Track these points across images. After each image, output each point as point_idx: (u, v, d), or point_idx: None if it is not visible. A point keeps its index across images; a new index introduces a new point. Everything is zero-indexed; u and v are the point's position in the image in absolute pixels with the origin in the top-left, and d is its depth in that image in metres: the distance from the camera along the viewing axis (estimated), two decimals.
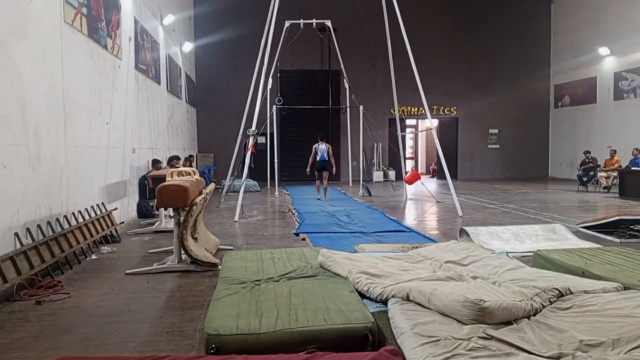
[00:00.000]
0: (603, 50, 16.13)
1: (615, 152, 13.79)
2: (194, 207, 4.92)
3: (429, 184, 14.57)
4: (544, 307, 2.97)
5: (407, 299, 3.11)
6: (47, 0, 5.36)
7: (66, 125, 5.72)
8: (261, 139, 15.83)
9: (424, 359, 2.32)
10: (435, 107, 18.03)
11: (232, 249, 5.86)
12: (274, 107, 13.46)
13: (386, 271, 3.80)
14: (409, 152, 21.30)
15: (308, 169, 11.14)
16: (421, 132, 20.28)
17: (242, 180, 9.41)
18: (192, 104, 16.32)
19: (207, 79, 17.18)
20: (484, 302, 2.76)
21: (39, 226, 4.86)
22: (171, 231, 5.82)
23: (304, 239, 6.53)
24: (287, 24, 12.91)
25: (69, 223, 5.52)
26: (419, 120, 20.57)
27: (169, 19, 11.95)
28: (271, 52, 10.55)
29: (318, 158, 11.22)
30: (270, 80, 13.76)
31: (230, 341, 2.67)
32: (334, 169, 11.18)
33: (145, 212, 8.55)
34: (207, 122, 17.23)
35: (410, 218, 9.02)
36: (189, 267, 4.89)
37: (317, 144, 11.17)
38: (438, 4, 18.19)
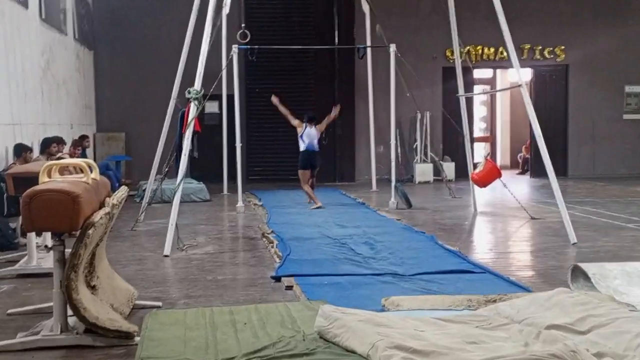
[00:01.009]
0: None
1: None
2: (91, 231, 4.90)
3: (517, 186, 14.59)
4: None
5: None
6: None
7: None
8: (212, 106, 15.81)
9: None
10: (528, 46, 18.05)
11: (159, 307, 5.86)
12: (235, 49, 13.45)
13: (440, 345, 3.80)
14: (479, 130, 21.30)
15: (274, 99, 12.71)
16: (501, 91, 20.29)
17: (178, 181, 9.41)
18: (86, 44, 16.31)
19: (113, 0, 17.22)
20: None
21: None
22: (49, 274, 5.80)
23: (290, 287, 6.52)
24: None
25: None
26: (498, 71, 20.56)
27: None
28: None
29: (304, 147, 12.14)
30: (227, 1, 13.74)
31: None
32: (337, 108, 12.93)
33: (1, 240, 8.54)
34: (115, 78, 17.23)
35: (482, 248, 8.99)
36: (81, 339, 4.88)
37: (304, 124, 12.22)
38: None
